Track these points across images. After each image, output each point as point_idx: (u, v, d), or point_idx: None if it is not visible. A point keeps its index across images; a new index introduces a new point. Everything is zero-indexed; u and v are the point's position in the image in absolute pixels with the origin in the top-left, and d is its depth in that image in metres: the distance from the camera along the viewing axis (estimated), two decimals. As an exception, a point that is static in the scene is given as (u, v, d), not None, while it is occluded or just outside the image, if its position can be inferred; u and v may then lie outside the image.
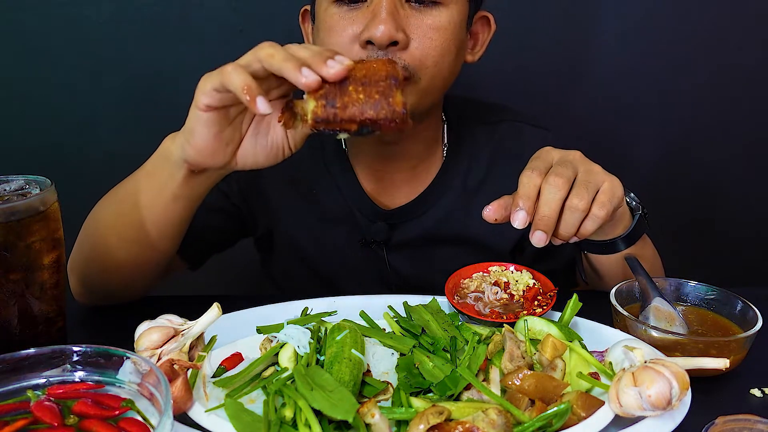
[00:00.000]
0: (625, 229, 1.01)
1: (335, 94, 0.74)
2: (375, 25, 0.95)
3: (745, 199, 1.90)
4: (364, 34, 0.96)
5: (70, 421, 0.60)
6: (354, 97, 0.74)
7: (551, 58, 1.72)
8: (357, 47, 0.98)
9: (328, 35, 1.01)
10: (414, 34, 0.98)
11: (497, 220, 0.89)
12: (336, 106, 0.74)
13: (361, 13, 0.98)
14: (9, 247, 0.77)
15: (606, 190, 0.88)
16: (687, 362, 0.70)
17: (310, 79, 0.73)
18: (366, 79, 0.75)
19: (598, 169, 0.90)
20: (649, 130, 1.81)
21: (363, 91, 0.74)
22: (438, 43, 1.00)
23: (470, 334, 0.85)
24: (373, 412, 0.66)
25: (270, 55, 0.75)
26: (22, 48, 1.60)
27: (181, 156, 0.87)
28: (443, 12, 1.00)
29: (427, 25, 0.99)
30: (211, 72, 0.80)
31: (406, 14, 0.98)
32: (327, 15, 1.01)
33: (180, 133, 0.88)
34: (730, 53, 1.73)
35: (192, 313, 0.79)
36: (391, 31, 0.95)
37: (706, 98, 1.78)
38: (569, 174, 0.86)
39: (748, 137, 1.83)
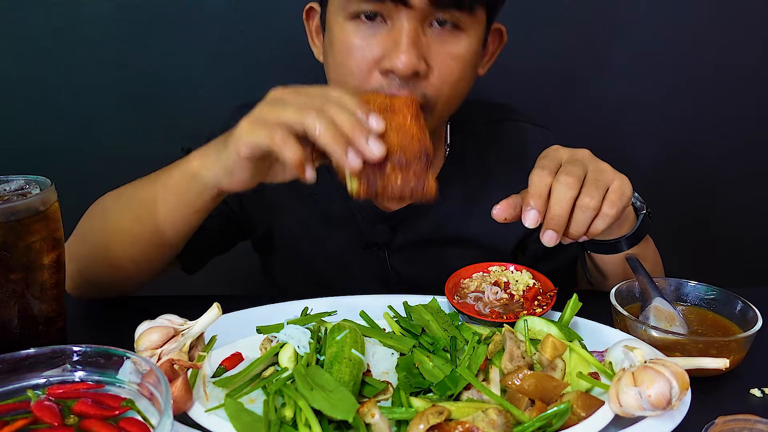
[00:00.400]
0: (630, 228, 1.01)
1: (375, 175, 0.81)
2: (397, 54, 0.92)
3: (745, 199, 1.90)
4: (386, 64, 0.94)
5: (70, 421, 0.60)
6: (393, 179, 0.82)
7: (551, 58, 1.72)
8: (376, 74, 0.96)
9: (345, 58, 0.97)
10: (434, 62, 0.96)
11: (506, 219, 0.88)
12: (377, 187, 0.82)
13: (381, 37, 0.95)
14: (9, 247, 0.77)
15: (616, 188, 0.88)
16: (687, 362, 0.70)
17: (357, 165, 0.78)
18: (401, 156, 0.82)
19: (607, 167, 0.90)
20: (650, 130, 1.81)
21: (400, 172, 0.82)
22: (457, 72, 0.99)
23: (470, 334, 0.85)
24: (373, 412, 0.66)
25: (317, 130, 0.77)
26: (22, 48, 1.60)
27: (215, 183, 0.90)
28: (463, 40, 0.98)
29: (447, 53, 0.97)
30: (253, 119, 0.81)
31: (428, 41, 0.96)
32: (343, 33, 0.97)
33: (214, 161, 0.89)
34: (731, 53, 1.73)
35: (192, 313, 0.79)
36: (414, 63, 0.92)
37: (707, 98, 1.77)
38: (579, 173, 0.86)
39: (749, 137, 1.83)
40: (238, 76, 1.64)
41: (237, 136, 0.82)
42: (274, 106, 0.82)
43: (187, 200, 0.95)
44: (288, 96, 0.83)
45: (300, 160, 0.78)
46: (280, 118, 0.80)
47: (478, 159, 1.22)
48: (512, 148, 1.22)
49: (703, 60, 1.73)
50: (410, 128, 0.84)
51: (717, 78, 1.76)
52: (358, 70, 0.97)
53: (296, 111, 0.79)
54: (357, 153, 0.78)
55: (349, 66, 0.97)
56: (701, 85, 1.76)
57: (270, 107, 0.82)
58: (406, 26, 0.93)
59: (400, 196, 0.81)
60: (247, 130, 0.81)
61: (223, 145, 0.87)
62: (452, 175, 1.21)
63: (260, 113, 0.82)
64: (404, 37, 0.92)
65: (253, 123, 0.81)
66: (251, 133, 0.81)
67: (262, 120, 0.81)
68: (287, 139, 0.78)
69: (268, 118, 0.80)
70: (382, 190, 0.81)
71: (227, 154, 0.85)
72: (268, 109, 0.82)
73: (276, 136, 0.78)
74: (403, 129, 0.83)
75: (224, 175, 0.88)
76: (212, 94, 1.62)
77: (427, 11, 0.93)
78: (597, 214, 0.87)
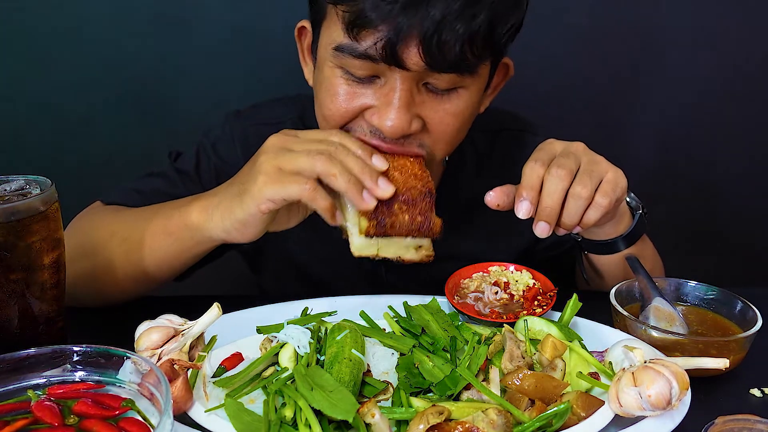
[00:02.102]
0: (626, 228, 1.01)
1: (384, 214, 0.84)
2: (387, 115, 0.86)
3: (745, 199, 1.90)
4: (373, 120, 0.88)
5: (71, 421, 0.60)
6: (400, 218, 0.85)
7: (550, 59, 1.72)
8: (360, 119, 0.91)
9: (331, 101, 0.91)
10: (430, 118, 0.90)
11: (499, 206, 0.89)
12: (385, 225, 0.85)
13: (372, 91, 0.89)
14: (9, 247, 0.77)
15: (610, 179, 0.88)
16: (687, 362, 0.70)
17: (372, 205, 0.82)
18: (407, 195, 0.85)
19: (601, 159, 0.90)
20: (650, 129, 1.81)
21: (407, 211, 0.85)
22: (455, 127, 0.93)
23: (470, 334, 0.85)
24: (373, 412, 0.66)
25: (333, 175, 0.79)
26: (22, 48, 1.60)
27: (221, 237, 0.89)
28: (463, 95, 0.91)
29: (444, 110, 0.90)
30: (270, 173, 0.81)
31: (422, 100, 0.89)
32: (331, 77, 0.91)
33: (223, 216, 0.87)
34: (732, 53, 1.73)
35: (192, 313, 0.79)
36: (404, 126, 0.87)
37: (707, 98, 1.78)
38: (572, 165, 0.86)
39: (749, 137, 1.83)
40: (237, 76, 1.64)
41: (257, 192, 0.81)
42: (283, 155, 0.81)
43: (186, 248, 0.94)
44: (291, 143, 0.83)
45: (331, 206, 0.81)
46: (297, 167, 0.80)
47: (476, 173, 1.20)
48: (510, 160, 1.15)
49: (704, 60, 1.74)
50: (412, 168, 0.87)
51: (717, 78, 1.76)
52: (342, 113, 0.91)
53: (308, 159, 0.80)
54: (369, 195, 0.81)
55: (333, 108, 0.92)
56: (701, 86, 1.76)
57: (279, 157, 0.81)
58: (400, 87, 0.86)
59: (408, 233, 0.85)
60: (268, 185, 0.80)
61: (238, 200, 0.84)
62: (449, 191, 1.17)
63: (274, 164, 0.81)
64: (396, 98, 0.86)
65: (273, 176, 0.80)
66: (276, 187, 0.80)
67: (281, 172, 0.80)
68: (317, 189, 0.79)
69: (286, 169, 0.80)
70: (391, 228, 0.84)
71: (243, 210, 0.83)
72: (281, 159, 0.81)
73: (306, 187, 0.79)
74: (406, 168, 0.86)
75: (235, 230, 0.87)
76: (212, 94, 1.62)
77: (423, 73, 0.86)
78: (590, 204, 0.87)
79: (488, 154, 1.21)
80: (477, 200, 1.17)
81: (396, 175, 0.86)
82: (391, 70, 0.86)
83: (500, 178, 1.17)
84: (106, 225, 1.02)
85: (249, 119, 1.21)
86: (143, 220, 0.98)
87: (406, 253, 0.88)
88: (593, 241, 1.03)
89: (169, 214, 0.94)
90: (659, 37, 1.71)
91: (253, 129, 1.19)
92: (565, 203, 0.86)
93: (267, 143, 0.84)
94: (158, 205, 1.00)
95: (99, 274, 1.00)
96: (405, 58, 0.83)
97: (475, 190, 1.18)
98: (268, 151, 0.83)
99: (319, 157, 0.79)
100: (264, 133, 1.17)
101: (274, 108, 1.23)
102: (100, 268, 0.99)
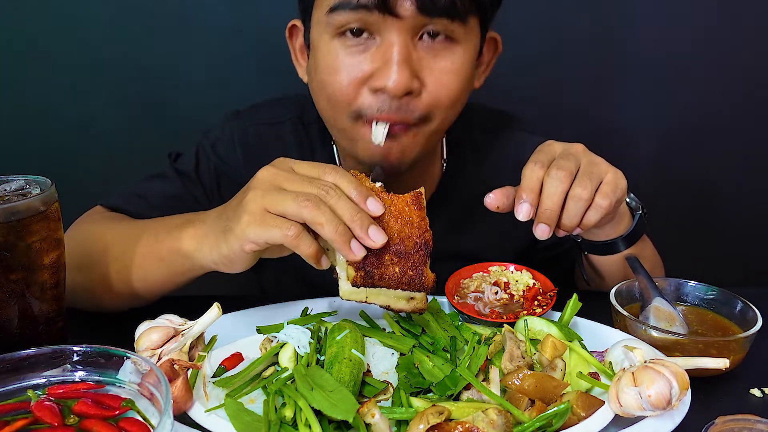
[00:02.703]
0: (626, 228, 1.01)
1: (373, 265, 0.77)
2: (387, 73, 0.89)
3: (745, 198, 1.90)
4: (376, 83, 0.90)
5: (71, 421, 0.60)
6: (390, 270, 0.78)
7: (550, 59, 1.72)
8: (365, 92, 0.93)
9: (332, 76, 0.93)
10: (428, 79, 0.93)
11: (499, 207, 0.88)
12: (373, 276, 0.77)
13: (370, 54, 0.91)
14: (9, 247, 0.77)
15: (610, 181, 0.88)
16: (687, 362, 0.70)
17: (359, 257, 0.75)
18: (401, 246, 0.78)
19: (601, 160, 0.90)
20: (649, 129, 1.81)
21: (398, 263, 0.78)
22: (451, 87, 0.95)
23: (470, 334, 0.85)
24: (373, 412, 0.66)
25: (319, 224, 0.73)
26: (22, 48, 1.60)
27: (211, 266, 0.86)
28: (457, 52, 0.94)
29: (440, 68, 0.93)
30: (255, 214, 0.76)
31: (419, 57, 0.92)
32: (329, 51, 0.93)
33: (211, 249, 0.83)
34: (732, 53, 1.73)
35: (192, 313, 0.79)
36: (406, 82, 0.89)
37: (707, 97, 1.77)
38: (572, 166, 0.86)
39: (749, 136, 1.83)
40: (237, 76, 1.64)
41: (241, 232, 0.77)
42: (271, 196, 0.76)
43: (177, 273, 0.92)
44: (282, 180, 0.77)
45: (317, 252, 0.76)
46: (283, 211, 0.75)
47: (475, 173, 1.20)
48: (509, 160, 1.16)
49: (704, 60, 1.73)
50: (411, 216, 0.80)
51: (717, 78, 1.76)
52: (346, 88, 0.93)
53: (295, 205, 0.74)
54: (358, 244, 0.75)
55: (336, 84, 0.93)
56: (702, 86, 1.76)
57: (267, 197, 0.76)
58: (397, 41, 0.89)
59: (397, 286, 0.78)
60: (252, 227, 0.76)
61: (223, 237, 0.81)
62: (448, 190, 1.19)
63: (260, 204, 0.76)
64: (395, 53, 0.88)
65: (258, 218, 0.76)
66: (259, 230, 0.75)
67: (266, 214, 0.76)
68: (300, 235, 0.75)
69: (272, 211, 0.75)
70: (379, 280, 0.77)
71: (228, 248, 0.80)
72: (267, 200, 0.76)
73: (289, 233, 0.74)
74: (403, 216, 0.79)
75: (222, 264, 0.83)
76: (212, 94, 1.62)
77: (416, 22, 0.89)
78: (590, 206, 0.87)
79: (487, 153, 1.21)
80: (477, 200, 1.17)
81: (391, 222, 0.79)
82: (386, 24, 0.89)
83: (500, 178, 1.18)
84: (101, 238, 1.01)
85: (248, 119, 1.21)
86: (135, 238, 0.95)
87: (396, 303, 0.81)
88: (593, 241, 1.03)
89: (161, 237, 0.91)
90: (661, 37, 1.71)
91: (252, 129, 1.19)
92: (565, 205, 0.86)
93: (258, 176, 0.78)
94: (151, 222, 0.98)
95: (95, 287, 0.99)
96: (397, 3, 0.87)
97: (474, 190, 1.18)
98: (257, 187, 0.77)
99: (307, 203, 0.73)
100: (263, 133, 1.19)
101: (274, 108, 1.23)
102: (95, 282, 0.99)
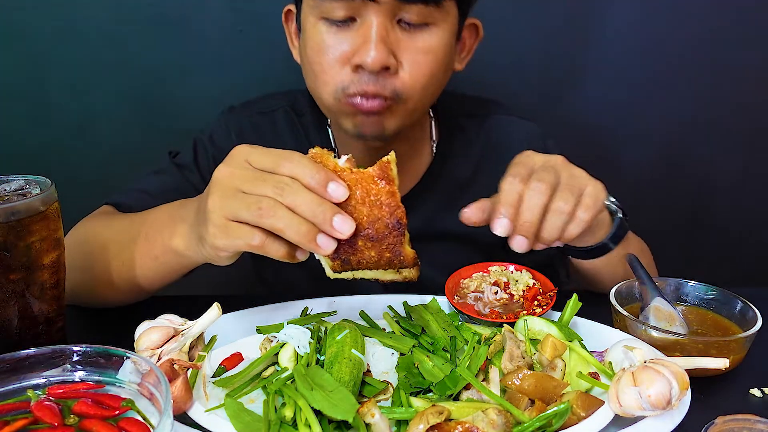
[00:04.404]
0: (606, 234, 1.00)
1: (347, 252, 0.75)
2: (366, 50, 0.95)
3: (745, 199, 1.90)
4: (356, 59, 0.96)
5: (70, 421, 0.60)
6: (366, 254, 0.75)
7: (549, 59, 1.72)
8: (347, 69, 0.98)
9: (318, 55, 1.00)
10: (404, 58, 0.98)
11: (475, 222, 0.87)
12: (350, 262, 0.76)
13: (351, 34, 0.97)
14: (9, 247, 0.77)
15: (590, 193, 0.87)
16: (687, 362, 0.70)
17: (330, 250, 0.73)
18: (371, 229, 0.74)
19: (581, 173, 0.89)
20: (649, 129, 1.81)
21: (373, 248, 0.75)
22: (428, 66, 1.00)
23: (470, 334, 0.85)
24: (373, 412, 0.66)
25: (279, 230, 0.71)
26: (22, 48, 1.60)
27: (203, 261, 0.86)
28: (434, 33, 0.99)
29: (417, 48, 0.98)
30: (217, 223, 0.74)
31: (396, 37, 0.97)
32: (315, 32, 1.00)
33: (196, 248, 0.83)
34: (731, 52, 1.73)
35: (192, 313, 0.79)
36: (383, 58, 0.95)
37: (707, 97, 1.77)
38: (552, 179, 0.85)
39: (748, 136, 1.83)
40: (237, 76, 1.64)
41: (211, 243, 0.76)
42: (228, 202, 0.73)
43: (173, 269, 0.94)
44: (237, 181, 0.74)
45: (288, 253, 0.74)
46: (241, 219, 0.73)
47: (464, 154, 1.22)
48: (498, 142, 1.23)
49: (703, 60, 1.73)
50: (379, 194, 0.74)
51: (716, 78, 1.76)
52: (329, 66, 0.99)
53: (250, 213, 0.71)
54: (326, 238, 0.72)
55: (321, 63, 1.00)
56: (700, 86, 1.76)
57: (224, 206, 0.73)
58: (375, 22, 0.95)
59: (377, 268, 0.76)
60: (218, 238, 0.75)
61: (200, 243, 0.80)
62: (439, 171, 1.22)
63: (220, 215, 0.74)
64: (373, 33, 0.95)
65: (221, 228, 0.74)
66: (225, 241, 0.75)
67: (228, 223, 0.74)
68: (265, 242, 0.73)
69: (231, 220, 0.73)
70: (358, 264, 0.76)
71: (207, 253, 0.80)
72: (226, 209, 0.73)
73: (253, 242, 0.73)
74: (371, 196, 0.74)
75: (212, 260, 0.83)
76: (212, 94, 1.62)
77: (393, 6, 0.95)
78: (571, 219, 0.86)
79: (475, 136, 1.24)
80: (467, 182, 1.21)
81: (358, 206, 0.74)
82: (366, 8, 0.95)
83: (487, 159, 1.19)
84: (101, 236, 1.03)
85: (243, 111, 1.27)
86: (132, 237, 0.96)
87: (384, 276, 0.79)
88: (573, 248, 1.03)
89: (152, 237, 0.92)
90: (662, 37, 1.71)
91: (247, 119, 1.24)
92: (545, 218, 0.85)
93: (215, 177, 0.76)
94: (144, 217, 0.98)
95: (98, 285, 1.01)
96: None
97: (463, 171, 1.21)
98: (215, 192, 0.75)
99: (261, 211, 0.71)
100: (257, 122, 1.25)
101: (266, 100, 1.29)
102: (98, 279, 1.00)
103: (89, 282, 1.00)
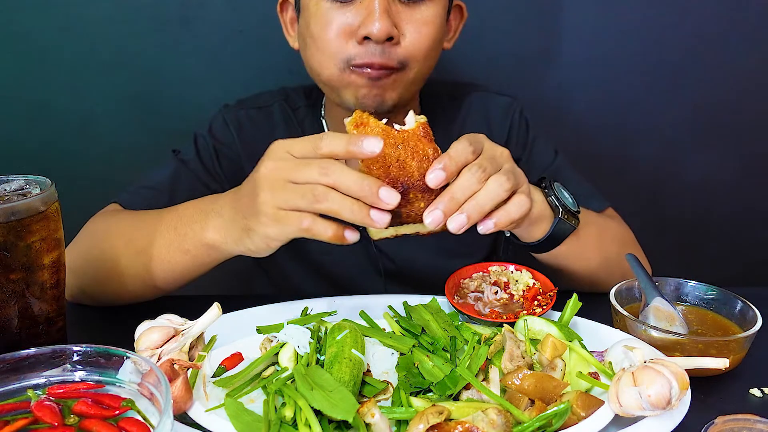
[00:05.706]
0: (546, 230, 0.98)
1: (400, 205, 0.77)
2: (372, 21, 1.00)
3: (745, 199, 1.90)
4: (362, 30, 1.02)
5: (70, 421, 0.60)
6: (416, 206, 0.80)
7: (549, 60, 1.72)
8: (353, 42, 1.04)
9: (323, 30, 1.05)
10: (405, 29, 1.05)
11: None
12: (401, 215, 0.80)
13: (354, 8, 1.03)
14: (9, 247, 0.77)
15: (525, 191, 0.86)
16: (687, 362, 0.70)
17: (383, 223, 0.76)
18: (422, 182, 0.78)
19: (521, 172, 0.88)
20: (650, 130, 1.81)
21: (423, 198, 0.79)
22: (427, 36, 1.07)
23: (470, 334, 0.85)
24: (373, 412, 0.66)
25: (335, 212, 0.75)
26: (22, 48, 1.60)
27: (240, 253, 0.89)
28: (430, 6, 1.07)
29: (416, 19, 1.05)
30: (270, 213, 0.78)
31: (397, 10, 1.04)
32: (318, 9, 1.05)
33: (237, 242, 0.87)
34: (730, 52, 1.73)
35: (192, 313, 0.79)
36: (388, 28, 1.01)
37: (706, 98, 1.77)
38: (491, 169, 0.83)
39: (748, 136, 1.83)
40: (238, 76, 1.64)
41: (263, 233, 0.80)
42: (279, 194, 0.77)
43: (203, 263, 0.96)
44: (284, 173, 0.78)
45: (338, 234, 0.78)
46: (295, 207, 0.77)
47: (447, 133, 1.21)
48: (476, 116, 1.31)
49: (703, 60, 1.73)
50: (425, 149, 0.79)
51: (717, 78, 1.76)
52: (336, 40, 1.04)
53: (305, 199, 0.76)
54: (378, 212, 0.76)
55: (325, 38, 1.05)
56: (701, 86, 1.76)
57: (276, 197, 0.78)
58: None
59: (421, 220, 0.80)
60: (271, 227, 0.79)
61: (246, 235, 0.83)
62: None
63: (271, 206, 0.78)
64: (376, 5, 1.01)
65: (273, 218, 0.78)
66: (277, 230, 0.79)
67: (280, 212, 0.78)
68: (316, 223, 0.77)
69: (284, 208, 0.78)
70: (406, 217, 0.80)
71: (254, 245, 0.84)
72: (279, 200, 0.78)
73: (304, 226, 0.77)
74: (418, 151, 0.79)
75: (252, 253, 0.87)
76: (212, 94, 1.62)
77: None
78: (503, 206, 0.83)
79: (456, 115, 1.31)
80: None
81: (408, 159, 0.78)
82: None
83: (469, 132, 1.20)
84: (115, 233, 1.04)
85: (239, 107, 1.30)
86: (153, 231, 0.98)
87: (424, 228, 0.81)
88: (519, 242, 1.03)
89: (181, 230, 0.94)
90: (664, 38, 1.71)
91: (243, 113, 1.28)
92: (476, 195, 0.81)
93: (261, 174, 0.80)
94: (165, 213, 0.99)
95: (111, 278, 1.01)
96: None
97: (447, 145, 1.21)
98: (264, 187, 0.79)
99: (314, 196, 0.75)
100: (253, 116, 1.28)
101: (261, 96, 1.33)
102: (112, 272, 1.00)
103: (102, 278, 1.01)
